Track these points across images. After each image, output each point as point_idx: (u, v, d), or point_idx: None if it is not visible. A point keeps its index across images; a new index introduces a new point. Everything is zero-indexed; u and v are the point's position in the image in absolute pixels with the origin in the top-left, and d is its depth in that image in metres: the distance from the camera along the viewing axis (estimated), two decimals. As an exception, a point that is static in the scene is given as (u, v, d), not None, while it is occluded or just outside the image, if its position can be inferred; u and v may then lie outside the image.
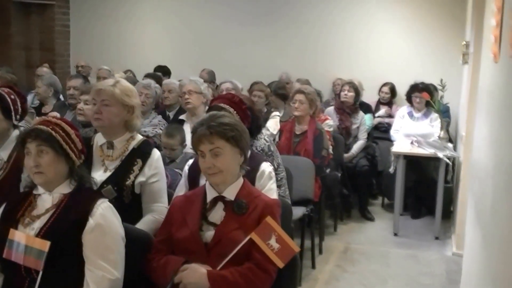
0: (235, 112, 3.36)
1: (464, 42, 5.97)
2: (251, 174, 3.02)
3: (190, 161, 3.33)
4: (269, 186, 3.22)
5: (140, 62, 8.65)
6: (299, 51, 8.40)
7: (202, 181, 3.13)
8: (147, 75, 6.87)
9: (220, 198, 2.67)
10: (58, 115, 5.14)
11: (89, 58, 8.47)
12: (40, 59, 8.65)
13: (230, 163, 2.62)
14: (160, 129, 5.28)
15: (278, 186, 3.57)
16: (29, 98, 6.60)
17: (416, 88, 6.63)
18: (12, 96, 3.47)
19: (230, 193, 2.66)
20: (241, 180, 2.72)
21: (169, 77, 7.92)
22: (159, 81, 6.59)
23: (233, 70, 8.13)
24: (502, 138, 2.56)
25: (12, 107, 3.43)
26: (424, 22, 7.93)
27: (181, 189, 3.28)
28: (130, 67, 8.23)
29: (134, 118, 3.18)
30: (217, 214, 2.65)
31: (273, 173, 3.28)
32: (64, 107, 5.65)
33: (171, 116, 5.79)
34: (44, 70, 7.14)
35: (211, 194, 2.68)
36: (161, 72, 7.95)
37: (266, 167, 3.25)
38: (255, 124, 3.70)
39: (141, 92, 5.24)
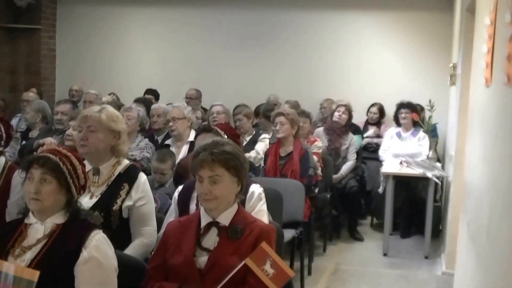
0: (224, 133, 3.45)
1: (452, 64, 6.03)
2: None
3: (180, 187, 3.32)
4: (259, 208, 3.21)
5: (128, 85, 8.62)
6: (288, 72, 8.42)
7: (192, 206, 3.15)
8: (137, 100, 6.84)
9: (214, 224, 2.66)
10: (55, 142, 5.15)
11: (75, 82, 8.42)
12: (25, 83, 8.59)
13: (226, 192, 2.63)
14: (148, 152, 5.29)
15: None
16: (14, 122, 6.55)
17: (402, 106, 6.72)
18: None
19: (225, 219, 2.65)
20: (235, 206, 2.71)
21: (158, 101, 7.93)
22: (148, 105, 6.58)
23: (222, 92, 8.16)
24: (498, 159, 2.58)
25: None
26: (412, 44, 8.01)
27: (171, 215, 3.27)
28: (118, 90, 8.19)
29: (121, 144, 3.18)
30: (211, 240, 2.64)
31: (263, 195, 3.27)
32: (50, 131, 5.61)
33: (160, 140, 5.77)
34: (31, 95, 7.07)
35: (205, 220, 2.67)
36: (153, 96, 7.94)
37: (255, 188, 3.25)
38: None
39: (122, 114, 5.22)
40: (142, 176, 3.19)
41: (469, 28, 4.81)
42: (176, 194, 3.29)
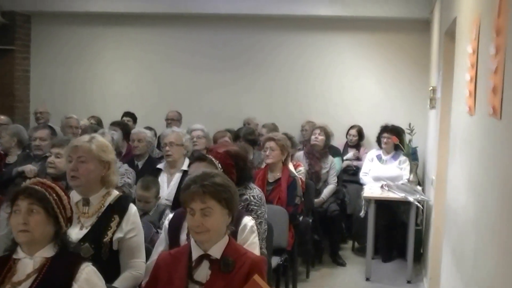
0: (218, 162, 3.40)
1: (431, 87, 6.08)
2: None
3: (170, 215, 3.30)
4: (251, 240, 3.17)
5: (104, 107, 8.51)
6: (267, 94, 8.41)
7: (183, 236, 3.13)
8: (113, 123, 6.74)
9: (205, 257, 2.64)
10: (35, 168, 5.05)
11: (49, 104, 8.25)
12: (-1, 105, 8.42)
13: (218, 224, 2.62)
14: (128, 178, 5.18)
15: (261, 239, 3.52)
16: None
17: (385, 129, 6.77)
18: None
19: (216, 251, 2.64)
20: (226, 238, 2.70)
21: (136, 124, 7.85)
22: (125, 129, 6.48)
23: (199, 114, 8.07)
24: (483, 188, 2.60)
25: None
26: (390, 66, 8.07)
27: (161, 243, 3.24)
28: (94, 113, 8.07)
29: (111, 174, 3.18)
30: (203, 273, 2.62)
31: (255, 227, 3.24)
32: (29, 158, 5.49)
33: (140, 166, 5.68)
34: (2, 118, 6.89)
35: (196, 252, 2.66)
36: (131, 118, 7.86)
37: (248, 221, 3.21)
38: (247, 173, 3.81)
39: None
40: (133, 208, 3.17)
41: (449, 53, 4.87)
42: (166, 222, 3.26)
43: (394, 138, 6.50)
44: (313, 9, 7.87)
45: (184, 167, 5.02)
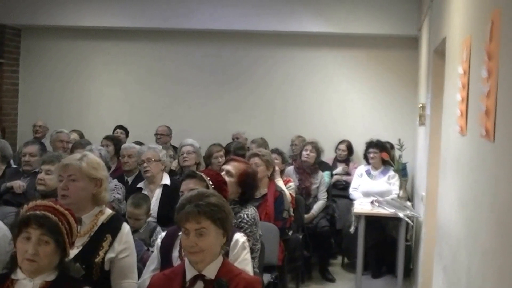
0: (209, 179, 3.42)
1: (421, 104, 6.13)
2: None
3: (163, 234, 3.30)
4: (243, 257, 3.17)
5: (94, 121, 8.51)
6: (256, 109, 8.44)
7: (175, 253, 3.14)
8: (107, 138, 6.72)
9: (200, 277, 2.63)
10: (23, 184, 5.01)
11: (38, 117, 8.23)
12: (-13, 119, 8.38)
13: (213, 244, 2.62)
14: (118, 193, 5.17)
15: (253, 258, 3.50)
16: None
17: (371, 145, 6.81)
18: None
19: (210, 272, 2.63)
20: (220, 258, 2.70)
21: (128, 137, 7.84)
22: (117, 143, 6.45)
23: (189, 128, 8.11)
24: (475, 208, 2.61)
25: None
26: (379, 82, 8.15)
27: (153, 262, 3.23)
28: (84, 127, 8.04)
29: (102, 191, 3.15)
30: None
31: (247, 243, 3.24)
32: (18, 174, 5.44)
33: (130, 182, 5.66)
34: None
35: (190, 273, 2.65)
36: (123, 131, 7.84)
37: (239, 237, 3.21)
38: (250, 193, 3.92)
39: None
40: (126, 227, 3.13)
41: (438, 71, 4.91)
42: (159, 240, 3.26)
43: (385, 154, 6.54)
44: (301, 26, 7.91)
45: (164, 182, 5.10)
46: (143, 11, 8.09)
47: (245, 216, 3.87)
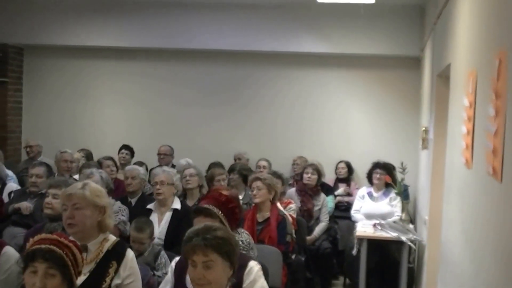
0: (220, 212, 3.46)
1: (424, 128, 6.15)
2: (238, 272, 3.01)
3: (177, 258, 3.35)
4: (261, 284, 3.21)
5: (96, 141, 8.54)
6: (257, 129, 8.47)
7: (188, 277, 3.11)
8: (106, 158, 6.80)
9: (208, 308, 2.67)
10: (30, 206, 5.05)
11: (42, 136, 8.28)
12: (-10, 136, 8.41)
13: (220, 276, 2.66)
14: (122, 215, 5.20)
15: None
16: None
17: (378, 166, 6.82)
18: None
19: (218, 303, 2.67)
20: None
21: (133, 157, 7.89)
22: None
23: (190, 149, 8.15)
24: (480, 241, 2.62)
25: None
26: (380, 104, 8.18)
27: (166, 284, 3.31)
28: (86, 146, 8.08)
29: (107, 218, 3.22)
30: None
31: (261, 272, 3.28)
32: (24, 195, 5.50)
33: (133, 203, 5.67)
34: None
35: (199, 304, 2.68)
36: (129, 151, 7.89)
37: (254, 265, 3.25)
38: (238, 218, 3.87)
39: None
40: (130, 253, 3.21)
41: (442, 96, 4.92)
42: (173, 263, 3.32)
43: (387, 178, 6.55)
44: (303, 46, 7.96)
45: (175, 206, 5.12)
46: (145, 31, 8.16)
47: (240, 242, 3.92)
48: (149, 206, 5.21)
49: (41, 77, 8.85)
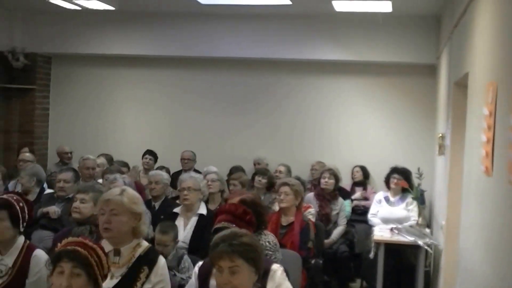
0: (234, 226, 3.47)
1: (440, 135, 6.23)
2: (261, 277, 3.07)
3: (200, 263, 3.41)
4: (286, 285, 3.27)
5: (119, 147, 8.75)
6: (277, 135, 8.61)
7: (213, 282, 3.18)
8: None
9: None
10: (58, 210, 5.22)
11: (67, 141, 8.52)
12: (18, 142, 8.67)
13: (245, 282, 2.72)
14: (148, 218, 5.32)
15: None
16: (11, 185, 6.53)
17: (395, 171, 6.89)
18: (21, 204, 3.55)
19: (243, 308, 2.73)
20: None
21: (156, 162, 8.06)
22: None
23: (211, 154, 8.33)
24: (501, 250, 2.64)
25: (20, 215, 3.51)
26: (396, 110, 8.28)
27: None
28: (110, 152, 8.26)
29: (142, 225, 3.29)
30: None
31: (285, 274, 3.33)
32: (52, 199, 5.63)
33: (157, 207, 5.81)
34: (27, 155, 7.10)
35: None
36: (152, 157, 8.06)
37: (276, 267, 3.31)
38: (261, 219, 3.94)
39: (109, 186, 5.29)
40: (161, 260, 3.27)
41: (459, 104, 4.96)
42: (196, 268, 3.38)
43: (404, 183, 6.63)
44: (320, 54, 8.09)
45: (200, 211, 5.18)
46: (167, 40, 8.36)
47: (267, 243, 4.02)
48: (176, 210, 5.28)
49: (67, 85, 9.13)
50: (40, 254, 3.54)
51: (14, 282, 3.39)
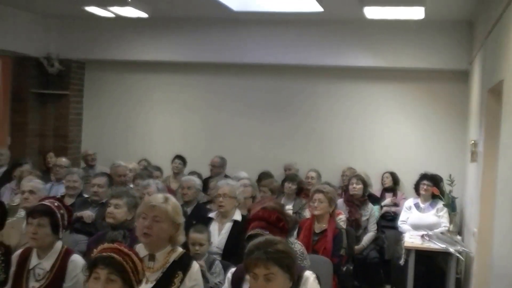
0: (268, 233, 3.49)
1: (473, 141, 6.19)
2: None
3: (233, 269, 3.44)
4: None
5: (151, 151, 8.85)
6: (307, 140, 8.62)
7: (245, 286, 3.22)
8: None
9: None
10: (92, 214, 5.31)
11: (99, 145, 8.70)
12: (53, 146, 8.87)
13: None
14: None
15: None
16: (47, 187, 6.62)
17: (425, 177, 6.88)
18: (62, 211, 3.65)
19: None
20: None
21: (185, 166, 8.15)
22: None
23: (240, 159, 8.38)
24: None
25: (60, 223, 3.60)
26: (427, 116, 8.21)
27: None
28: (142, 156, 8.41)
29: (179, 235, 3.35)
30: None
31: (317, 281, 3.34)
32: (86, 203, 5.73)
33: (189, 212, 5.86)
34: (63, 161, 7.22)
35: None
36: (181, 161, 8.13)
37: (309, 274, 3.31)
38: (289, 227, 3.90)
39: (142, 192, 5.38)
40: (195, 265, 3.32)
41: (493, 111, 4.91)
42: (229, 274, 3.40)
43: (435, 189, 6.61)
44: (351, 60, 8.08)
45: (235, 217, 5.17)
46: (198, 45, 8.44)
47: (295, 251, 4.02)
48: (211, 214, 5.31)
49: (100, 90, 9.30)
50: (77, 259, 3.60)
51: (51, 286, 3.46)
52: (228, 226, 5.13)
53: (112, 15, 7.43)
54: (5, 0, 7.69)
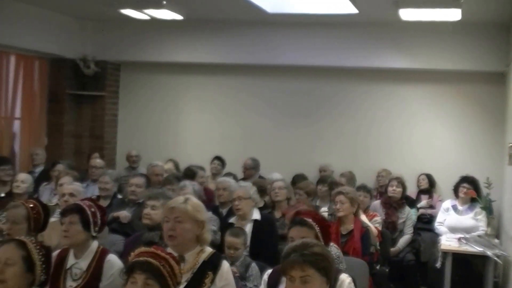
0: (317, 226, 3.55)
1: (511, 144, 6.10)
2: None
3: (269, 271, 3.45)
4: None
5: (186, 152, 8.89)
6: (342, 142, 8.59)
7: None
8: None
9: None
10: (129, 215, 5.37)
11: (134, 146, 8.76)
12: (89, 147, 9.00)
13: None
14: (213, 225, 5.33)
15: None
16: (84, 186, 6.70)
17: (465, 180, 6.81)
18: (93, 209, 3.67)
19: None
20: None
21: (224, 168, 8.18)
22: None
23: (275, 161, 8.38)
24: None
25: (91, 220, 3.62)
26: (463, 119, 8.12)
27: None
28: (176, 157, 8.44)
29: (205, 232, 3.33)
30: None
31: (352, 284, 3.33)
32: (123, 204, 5.79)
33: (224, 213, 5.87)
34: (98, 161, 7.32)
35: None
36: (220, 162, 8.19)
37: (345, 277, 3.31)
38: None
39: (178, 193, 5.33)
40: (226, 265, 3.31)
41: None
42: (265, 276, 3.41)
43: (473, 192, 6.54)
44: (386, 62, 8.03)
45: (254, 217, 5.23)
46: (232, 47, 8.48)
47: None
48: (231, 220, 5.34)
49: (135, 91, 9.41)
50: (113, 259, 3.61)
51: (87, 286, 3.47)
52: (249, 227, 5.16)
53: (147, 18, 7.50)
54: (42, 3, 7.84)
